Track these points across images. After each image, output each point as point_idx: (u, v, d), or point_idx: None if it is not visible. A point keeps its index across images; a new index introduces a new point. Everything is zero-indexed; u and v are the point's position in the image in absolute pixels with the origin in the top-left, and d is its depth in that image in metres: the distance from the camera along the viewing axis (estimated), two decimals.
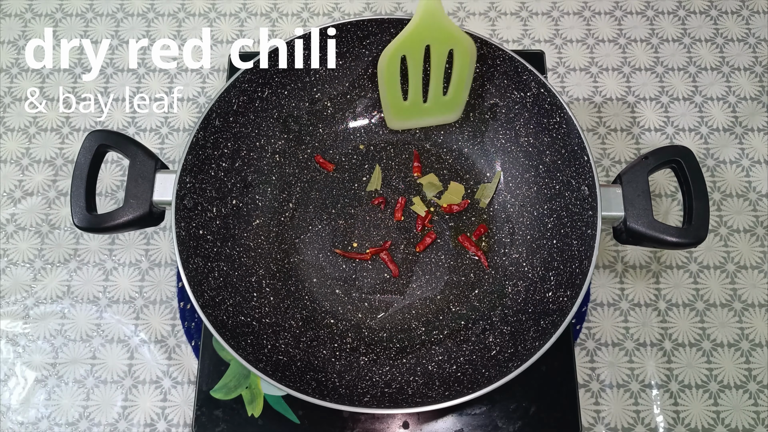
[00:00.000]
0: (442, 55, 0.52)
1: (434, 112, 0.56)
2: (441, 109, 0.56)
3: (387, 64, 0.52)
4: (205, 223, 0.54)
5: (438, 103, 0.55)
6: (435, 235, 0.59)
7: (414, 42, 0.51)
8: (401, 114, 0.56)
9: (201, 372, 0.56)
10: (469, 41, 0.52)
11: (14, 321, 0.62)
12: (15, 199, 0.66)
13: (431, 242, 0.59)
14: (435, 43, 0.52)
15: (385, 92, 0.54)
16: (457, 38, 0.52)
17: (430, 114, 0.56)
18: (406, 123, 0.58)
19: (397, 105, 0.55)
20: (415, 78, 0.53)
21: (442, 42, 0.52)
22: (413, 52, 0.52)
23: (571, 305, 0.49)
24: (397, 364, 0.55)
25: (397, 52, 0.52)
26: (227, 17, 0.74)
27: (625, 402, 0.59)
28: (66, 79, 0.71)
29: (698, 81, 0.70)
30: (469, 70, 0.53)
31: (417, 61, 0.52)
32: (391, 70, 0.53)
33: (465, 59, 0.53)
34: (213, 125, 0.55)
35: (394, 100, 0.55)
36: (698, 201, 0.48)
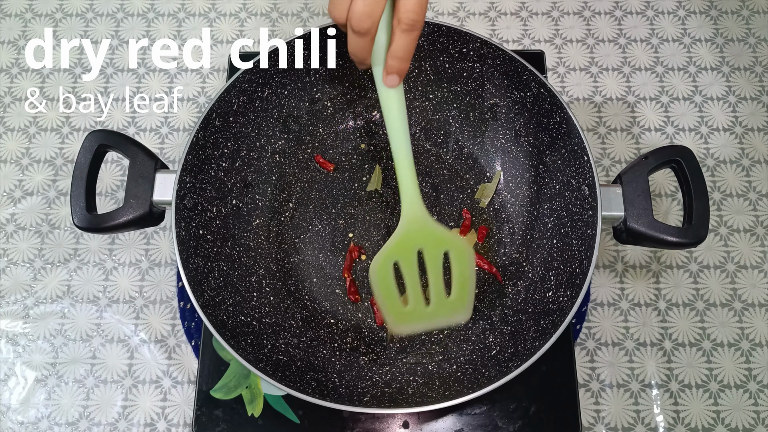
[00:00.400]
0: (436, 257, 0.50)
1: (440, 314, 0.52)
2: (447, 311, 0.52)
3: (378, 274, 0.49)
4: (205, 223, 0.54)
5: (442, 305, 0.51)
6: None
7: (403, 249, 0.49)
8: (404, 319, 0.52)
9: (201, 372, 0.56)
10: (461, 243, 0.50)
11: (14, 321, 0.62)
12: (15, 199, 0.66)
13: None
14: (426, 247, 0.49)
15: (382, 301, 0.51)
16: (448, 241, 0.50)
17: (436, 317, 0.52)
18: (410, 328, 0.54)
19: (398, 311, 0.51)
20: (412, 283, 0.50)
21: (433, 245, 0.49)
22: (405, 259, 0.49)
23: (571, 305, 0.49)
24: (397, 364, 0.55)
25: (387, 260, 0.49)
26: (227, 17, 0.74)
27: (625, 402, 0.59)
28: (66, 79, 0.71)
29: (698, 81, 0.70)
30: (469, 270, 0.50)
31: (410, 267, 0.50)
32: (384, 278, 0.50)
33: (462, 260, 0.50)
34: (213, 125, 0.55)
35: (393, 308, 0.51)
36: (698, 201, 0.48)
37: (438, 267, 0.50)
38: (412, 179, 0.49)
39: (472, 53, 0.58)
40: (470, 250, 0.50)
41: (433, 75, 0.60)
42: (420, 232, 0.49)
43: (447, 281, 0.52)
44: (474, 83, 0.59)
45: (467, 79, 0.59)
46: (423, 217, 0.49)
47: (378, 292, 0.50)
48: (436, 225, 0.49)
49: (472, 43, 0.57)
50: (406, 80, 0.61)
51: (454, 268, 0.50)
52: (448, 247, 0.50)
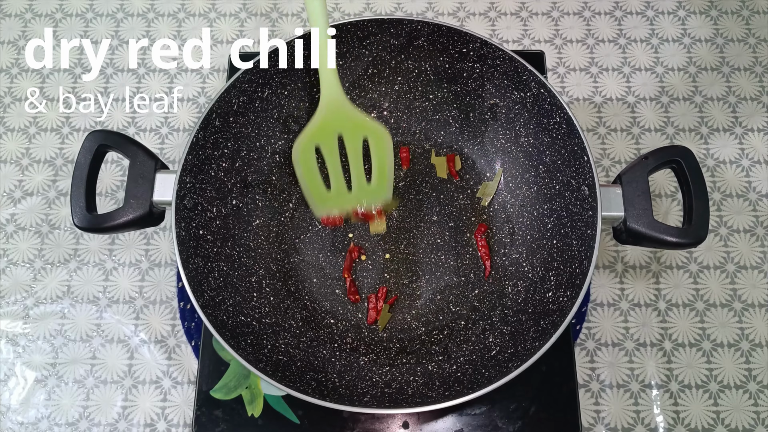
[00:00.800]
0: (356, 143, 0.51)
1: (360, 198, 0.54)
2: (368, 195, 0.53)
3: (300, 156, 0.51)
4: (205, 223, 0.54)
5: (363, 190, 0.53)
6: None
7: (323, 133, 0.51)
8: (327, 203, 0.53)
9: (201, 372, 0.56)
10: (379, 128, 0.51)
11: (14, 321, 0.62)
12: (15, 199, 0.66)
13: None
14: (346, 132, 0.51)
15: (305, 183, 0.52)
16: (367, 127, 0.51)
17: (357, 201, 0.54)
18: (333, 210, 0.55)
19: (321, 195, 0.53)
20: (333, 166, 0.52)
21: (353, 130, 0.51)
22: (326, 143, 0.51)
23: (571, 305, 0.49)
24: (397, 364, 0.55)
25: (309, 143, 0.51)
26: (227, 17, 0.74)
27: (625, 402, 0.59)
28: (66, 79, 0.71)
29: (698, 81, 0.70)
30: (387, 157, 0.52)
31: (332, 151, 0.51)
32: (306, 161, 0.51)
33: (381, 146, 0.51)
34: (213, 125, 0.55)
35: (316, 191, 0.53)
36: (698, 201, 0.48)
37: (358, 151, 0.52)
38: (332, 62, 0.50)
39: (472, 53, 0.58)
40: (387, 135, 0.52)
41: (433, 75, 0.60)
42: (339, 117, 0.51)
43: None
44: (474, 83, 0.59)
45: (467, 79, 0.59)
46: (341, 101, 0.50)
47: (300, 174, 0.52)
48: (354, 110, 0.51)
49: (472, 43, 0.57)
50: (405, 80, 0.61)
51: (373, 155, 0.52)
52: (367, 133, 0.51)
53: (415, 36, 0.58)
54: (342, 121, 0.51)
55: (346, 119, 0.51)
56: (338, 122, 0.51)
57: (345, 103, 0.51)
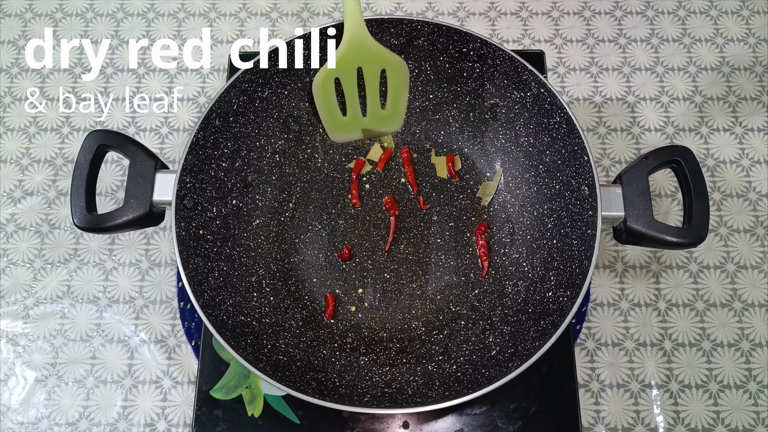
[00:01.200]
0: (374, 74, 0.54)
1: (374, 124, 0.58)
2: (381, 122, 0.58)
3: (321, 87, 0.54)
4: (205, 223, 0.54)
5: (377, 116, 0.57)
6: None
7: (344, 65, 0.53)
8: (342, 128, 0.58)
9: (201, 372, 0.56)
10: (398, 60, 0.54)
11: (14, 321, 0.62)
12: (15, 199, 0.66)
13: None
14: (365, 64, 0.54)
15: (323, 111, 0.56)
16: (386, 59, 0.53)
17: (371, 126, 0.59)
18: (347, 136, 0.60)
19: (337, 120, 0.57)
20: (351, 97, 0.55)
21: (372, 63, 0.54)
22: (345, 74, 0.54)
23: (571, 305, 0.49)
24: (397, 364, 0.55)
25: (329, 75, 0.53)
26: (227, 17, 0.74)
27: (625, 402, 0.59)
28: (66, 79, 0.71)
29: (698, 81, 0.70)
30: (403, 86, 0.55)
31: (350, 82, 0.54)
32: (326, 91, 0.55)
33: (398, 77, 0.55)
34: (213, 125, 0.55)
35: (332, 117, 0.57)
36: (698, 201, 0.48)
37: (375, 83, 0.55)
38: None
39: (472, 53, 0.58)
40: (405, 67, 0.54)
41: (433, 75, 0.60)
42: (360, 51, 0.53)
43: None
44: (474, 83, 0.59)
45: (467, 79, 0.59)
46: (364, 36, 0.52)
47: (319, 103, 0.55)
48: (375, 44, 0.53)
49: (472, 43, 0.57)
50: None
51: (389, 83, 0.55)
52: (385, 65, 0.54)
53: (415, 36, 0.58)
54: (363, 54, 0.53)
55: (367, 52, 0.53)
56: (359, 55, 0.53)
57: (366, 36, 0.52)
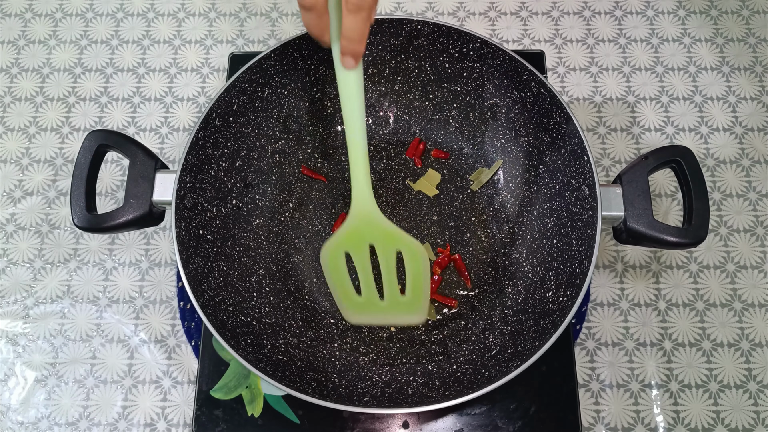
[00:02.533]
0: (389, 254, 0.48)
1: (394, 310, 0.52)
2: (401, 309, 0.52)
3: (329, 260, 0.49)
4: (205, 223, 0.54)
5: (396, 302, 0.51)
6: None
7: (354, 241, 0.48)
8: (358, 309, 0.52)
9: (201, 372, 0.56)
10: (414, 243, 0.48)
11: (14, 321, 0.62)
12: (15, 199, 0.66)
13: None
14: (378, 242, 0.48)
15: (334, 288, 0.50)
16: (400, 240, 0.48)
17: (390, 312, 0.52)
18: (365, 319, 0.54)
19: (351, 300, 0.51)
20: (364, 276, 0.49)
21: (385, 242, 0.48)
22: (356, 250, 0.48)
23: (571, 305, 0.49)
24: (397, 364, 0.55)
25: (338, 249, 0.48)
26: (227, 17, 0.74)
27: (625, 402, 0.59)
28: (66, 79, 0.71)
29: (698, 81, 0.70)
30: (423, 272, 0.49)
31: (362, 259, 0.49)
32: (335, 266, 0.49)
33: (416, 261, 0.49)
34: (213, 125, 0.55)
35: (346, 296, 0.51)
36: (698, 201, 0.48)
37: (390, 264, 0.49)
38: (365, 172, 0.47)
39: (472, 53, 0.58)
40: (423, 251, 0.49)
41: (433, 75, 0.60)
42: (370, 228, 0.48)
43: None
44: (474, 83, 0.59)
45: (467, 79, 0.59)
46: (372, 213, 0.47)
47: (330, 279, 0.50)
48: (386, 222, 0.48)
49: (472, 43, 0.57)
50: (405, 80, 0.61)
51: (407, 269, 0.49)
52: (400, 247, 0.48)
53: (415, 36, 0.58)
54: (373, 233, 0.48)
55: (378, 231, 0.48)
56: (369, 233, 0.48)
57: (377, 215, 0.47)
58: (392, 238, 0.48)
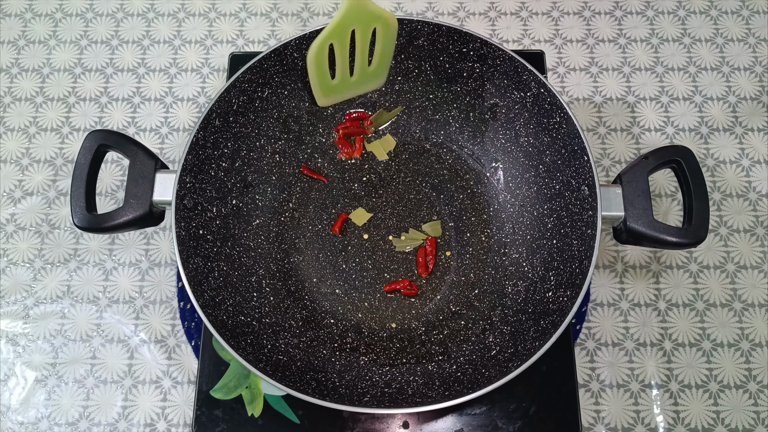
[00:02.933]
0: (366, 34, 0.54)
1: (361, 83, 0.58)
2: (367, 80, 0.58)
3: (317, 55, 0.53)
4: (205, 223, 0.54)
5: (364, 74, 0.57)
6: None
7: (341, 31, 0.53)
8: (330, 92, 0.57)
9: (201, 372, 0.56)
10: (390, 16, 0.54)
11: (14, 321, 0.62)
12: (15, 199, 0.66)
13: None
14: (360, 26, 0.53)
15: (315, 78, 0.55)
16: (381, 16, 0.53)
17: (357, 86, 0.58)
18: (334, 98, 0.59)
19: (326, 85, 0.57)
20: (342, 60, 0.55)
21: (366, 23, 0.53)
22: (340, 39, 0.53)
23: (571, 305, 0.49)
24: (397, 364, 0.55)
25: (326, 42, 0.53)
26: (227, 17, 0.74)
27: (625, 402, 0.59)
28: (66, 79, 0.71)
29: (698, 81, 0.70)
30: (391, 41, 0.55)
31: (344, 46, 0.54)
32: (321, 58, 0.54)
33: (387, 32, 0.54)
34: (213, 125, 0.55)
35: (323, 83, 0.56)
36: (698, 201, 0.48)
37: (366, 41, 0.54)
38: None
39: (472, 53, 0.58)
40: (394, 21, 0.53)
41: (433, 75, 0.60)
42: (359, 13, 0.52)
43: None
44: (474, 83, 0.59)
45: (467, 79, 0.59)
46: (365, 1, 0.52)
47: (312, 71, 0.54)
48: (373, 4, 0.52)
49: (472, 43, 0.57)
50: (405, 79, 0.61)
51: (378, 40, 0.54)
52: (377, 22, 0.53)
53: (415, 36, 0.58)
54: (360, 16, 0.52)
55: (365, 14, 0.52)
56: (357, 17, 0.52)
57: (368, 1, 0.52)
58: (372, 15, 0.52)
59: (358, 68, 0.56)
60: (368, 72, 0.57)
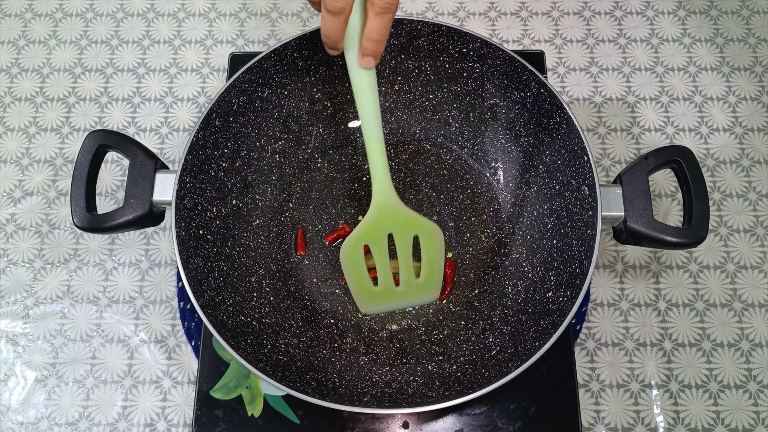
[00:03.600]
0: (406, 240, 0.51)
1: (409, 295, 0.55)
2: (416, 292, 0.55)
3: (349, 255, 0.51)
4: (205, 223, 0.54)
5: (412, 286, 0.54)
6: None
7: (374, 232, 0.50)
8: (374, 299, 0.54)
9: (201, 372, 0.56)
10: (431, 226, 0.51)
11: (14, 321, 0.62)
12: (15, 199, 0.66)
13: None
14: (397, 230, 0.50)
15: (353, 282, 0.53)
16: (419, 225, 0.51)
17: (405, 297, 0.55)
18: (380, 308, 0.56)
19: (368, 291, 0.54)
20: (382, 265, 0.52)
21: (403, 229, 0.50)
22: (375, 242, 0.51)
23: (571, 305, 0.49)
24: (397, 364, 0.55)
25: (358, 242, 0.50)
26: (227, 17, 0.74)
27: (625, 402, 0.59)
28: (66, 79, 0.71)
29: (698, 81, 0.70)
30: (438, 254, 0.52)
31: (381, 249, 0.51)
32: (354, 260, 0.51)
33: (432, 243, 0.51)
34: (213, 125, 0.55)
35: (363, 288, 0.53)
36: (698, 201, 0.48)
37: (408, 249, 0.51)
38: (383, 164, 0.49)
39: (472, 53, 0.58)
40: (439, 233, 0.51)
41: (433, 75, 0.60)
42: (390, 217, 0.50)
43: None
44: (474, 83, 0.59)
45: (467, 79, 0.59)
46: (394, 203, 0.50)
47: (349, 273, 0.52)
48: (406, 210, 0.50)
49: (472, 43, 0.57)
50: (405, 80, 0.61)
51: (423, 251, 0.52)
52: (418, 231, 0.51)
53: (415, 36, 0.58)
54: (393, 222, 0.50)
55: (398, 220, 0.50)
56: (389, 223, 0.50)
57: (397, 204, 0.50)
58: (410, 223, 0.51)
59: (404, 279, 0.53)
60: (416, 283, 0.53)
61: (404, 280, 0.53)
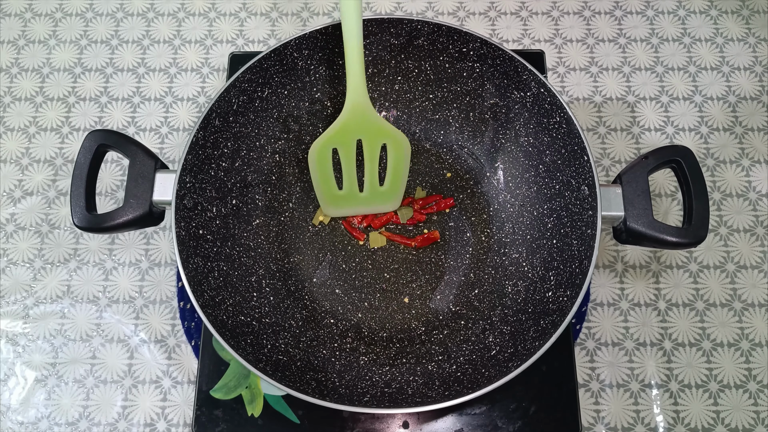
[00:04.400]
0: (374, 148, 0.52)
1: (371, 201, 0.56)
2: (378, 199, 0.56)
3: (317, 157, 0.52)
4: (205, 223, 0.54)
5: (375, 192, 0.55)
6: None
7: (344, 136, 0.51)
8: (336, 202, 0.56)
9: (201, 372, 0.56)
10: (400, 136, 0.52)
11: (14, 321, 0.62)
12: (15, 198, 0.66)
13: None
14: (366, 137, 0.51)
15: (318, 183, 0.54)
16: (388, 134, 0.51)
17: (367, 203, 0.57)
18: (341, 211, 0.58)
19: (332, 194, 0.55)
20: (348, 169, 0.53)
21: (373, 136, 0.51)
22: (344, 146, 0.52)
23: (571, 305, 0.49)
24: (397, 364, 0.55)
25: (327, 144, 0.51)
26: (227, 17, 0.74)
27: (625, 402, 0.59)
28: (66, 79, 0.71)
29: (698, 81, 0.70)
30: (404, 164, 0.53)
31: (349, 154, 0.52)
32: (322, 161, 0.52)
33: (399, 153, 0.53)
34: (213, 125, 0.55)
35: (328, 190, 0.55)
36: (698, 201, 0.48)
37: (375, 157, 0.52)
38: (360, 66, 0.49)
39: (472, 53, 0.58)
40: (407, 144, 0.52)
41: (433, 75, 0.60)
42: (361, 122, 0.51)
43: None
44: (474, 83, 0.59)
45: (467, 78, 0.59)
46: (366, 106, 0.50)
47: (315, 174, 0.53)
48: (377, 116, 0.51)
49: (472, 43, 0.57)
50: (405, 80, 0.61)
51: (390, 160, 0.53)
52: (387, 140, 0.52)
53: (415, 36, 0.58)
54: (364, 126, 0.51)
55: (369, 125, 0.51)
56: (360, 127, 0.51)
57: (369, 108, 0.51)
58: (380, 130, 0.51)
59: (368, 184, 0.54)
60: (380, 191, 0.55)
61: (368, 186, 0.54)
